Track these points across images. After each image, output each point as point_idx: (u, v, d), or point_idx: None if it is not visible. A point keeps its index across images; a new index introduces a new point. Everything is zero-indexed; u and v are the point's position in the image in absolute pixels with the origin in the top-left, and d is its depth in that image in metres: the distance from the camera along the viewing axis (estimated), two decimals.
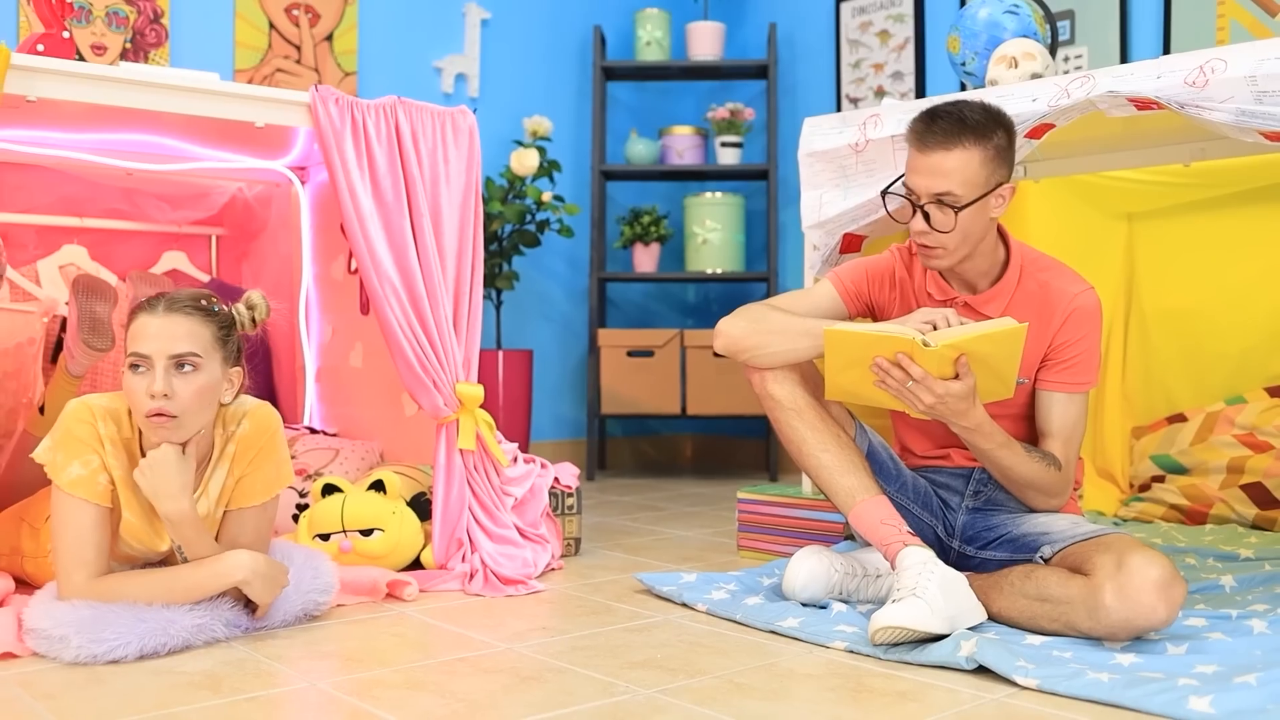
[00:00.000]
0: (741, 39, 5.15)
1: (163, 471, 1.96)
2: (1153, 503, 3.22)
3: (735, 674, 1.82)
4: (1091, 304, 2.18)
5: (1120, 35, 3.79)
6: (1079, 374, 2.18)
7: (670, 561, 2.79)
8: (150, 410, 1.93)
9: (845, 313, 2.32)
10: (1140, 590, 1.80)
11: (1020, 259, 2.21)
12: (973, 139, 2.06)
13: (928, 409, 2.02)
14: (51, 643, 1.86)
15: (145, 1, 3.79)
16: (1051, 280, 2.20)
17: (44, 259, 3.33)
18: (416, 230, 2.60)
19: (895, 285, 2.32)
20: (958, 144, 2.06)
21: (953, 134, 2.06)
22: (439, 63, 4.52)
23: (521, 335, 4.76)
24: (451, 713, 1.62)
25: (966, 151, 2.06)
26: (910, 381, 1.98)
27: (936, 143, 2.07)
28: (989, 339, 1.97)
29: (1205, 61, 2.11)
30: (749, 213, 4.93)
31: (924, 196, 2.09)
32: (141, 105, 2.38)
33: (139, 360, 1.95)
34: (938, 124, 2.07)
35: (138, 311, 2.00)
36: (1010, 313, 2.17)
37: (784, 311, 2.23)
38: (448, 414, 2.58)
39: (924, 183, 2.09)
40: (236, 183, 3.58)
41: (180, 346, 1.96)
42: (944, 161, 2.07)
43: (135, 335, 1.97)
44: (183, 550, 2.01)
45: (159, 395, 1.93)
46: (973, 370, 2.00)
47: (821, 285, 2.35)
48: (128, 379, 1.95)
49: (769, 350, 2.19)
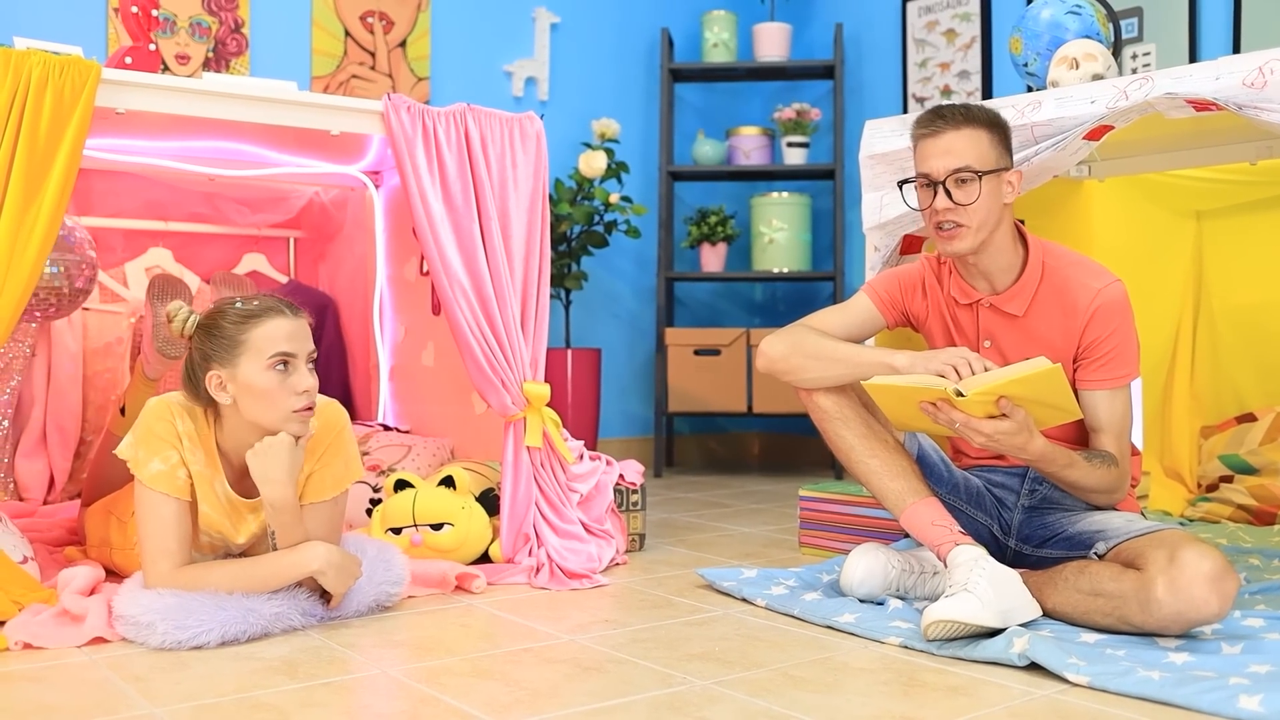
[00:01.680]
0: (808, 39, 5.17)
1: (275, 457, 2.06)
2: (1220, 503, 3.20)
3: (790, 667, 1.87)
4: (1117, 297, 2.18)
5: (1189, 32, 3.76)
6: (1117, 368, 2.19)
7: (732, 557, 2.84)
8: (303, 405, 2.06)
9: (883, 323, 2.38)
10: (1192, 583, 1.82)
11: (1041, 255, 2.24)
12: (979, 123, 2.20)
13: (984, 446, 2.06)
14: (139, 629, 1.96)
15: (227, 12, 3.92)
16: (1074, 276, 2.21)
17: (131, 261, 3.48)
18: (485, 234, 2.67)
19: (926, 293, 2.36)
20: (967, 125, 2.20)
21: (961, 119, 2.20)
22: (509, 67, 4.61)
23: (590, 334, 4.83)
24: (515, 700, 1.69)
25: (975, 131, 2.19)
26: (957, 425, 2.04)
27: (948, 126, 2.20)
28: (1022, 382, 1.98)
29: (1265, 62, 2.11)
30: (815, 212, 4.96)
31: (941, 175, 2.18)
32: (222, 116, 2.48)
33: (286, 359, 2.05)
34: (945, 112, 2.21)
35: (263, 316, 2.07)
36: (1034, 309, 2.21)
37: (822, 334, 2.30)
38: (515, 412, 2.65)
39: (940, 163, 2.19)
40: (313, 187, 3.69)
41: (311, 344, 2.11)
42: (956, 140, 2.18)
43: (275, 337, 2.05)
44: (275, 536, 2.10)
45: (313, 390, 2.07)
46: (1021, 406, 2.02)
47: (858, 299, 2.41)
48: (268, 380, 2.04)
49: (807, 375, 2.27)
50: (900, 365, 2.12)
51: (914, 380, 2.05)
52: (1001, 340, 2.24)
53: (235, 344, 2.05)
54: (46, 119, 2.14)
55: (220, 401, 2.08)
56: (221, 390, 2.07)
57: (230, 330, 2.06)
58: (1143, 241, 3.39)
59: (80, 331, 3.29)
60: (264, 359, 2.04)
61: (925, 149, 2.22)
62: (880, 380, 2.09)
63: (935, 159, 2.19)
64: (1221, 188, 3.26)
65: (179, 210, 3.52)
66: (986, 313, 2.25)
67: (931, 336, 2.37)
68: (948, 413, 2.03)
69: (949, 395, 2.00)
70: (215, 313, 2.11)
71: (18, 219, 2.11)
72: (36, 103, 2.13)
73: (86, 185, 3.35)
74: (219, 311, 2.10)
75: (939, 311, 2.33)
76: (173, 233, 3.55)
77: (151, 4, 3.04)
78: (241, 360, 2.04)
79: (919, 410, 2.08)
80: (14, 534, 2.24)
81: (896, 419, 2.19)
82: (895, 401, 2.12)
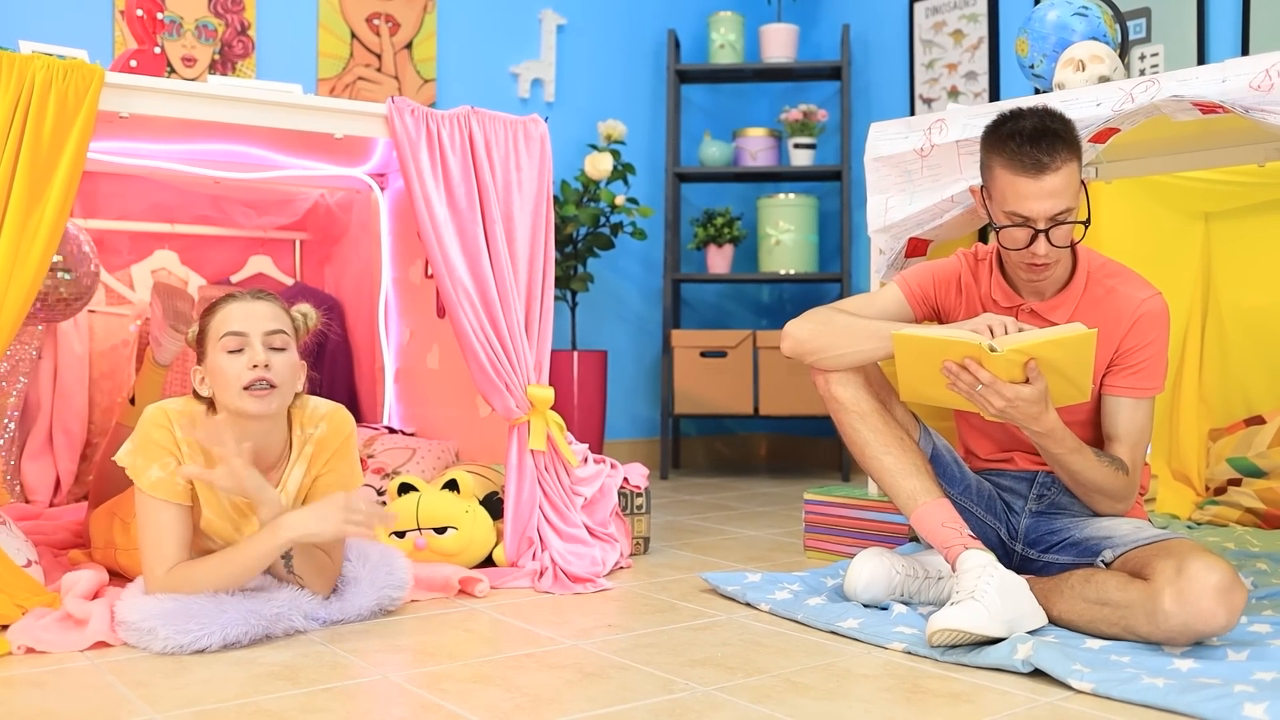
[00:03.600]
0: (815, 40, 5.17)
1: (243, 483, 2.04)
2: (1228, 506, 3.18)
3: (793, 673, 1.86)
4: (1159, 309, 2.17)
5: (1198, 32, 3.75)
6: (1146, 379, 2.18)
7: (737, 561, 2.83)
8: (251, 380, 2.06)
9: (911, 316, 2.33)
10: (1200, 595, 1.81)
11: (1087, 264, 2.21)
12: (1068, 151, 2.06)
13: (999, 413, 2.03)
14: (140, 634, 1.96)
15: (233, 14, 3.93)
16: (1119, 286, 2.19)
17: (137, 264, 3.48)
18: (489, 237, 2.67)
19: (961, 291, 2.33)
20: (1063, 162, 2.05)
21: (1063, 155, 2.05)
22: (515, 68, 4.61)
23: (597, 336, 4.83)
24: (515, 706, 1.69)
25: (1069, 165, 2.06)
26: (980, 385, 2.00)
27: (1051, 165, 2.04)
28: (1057, 344, 1.97)
29: (1271, 65, 2.10)
30: (822, 214, 4.95)
31: (1043, 221, 2.07)
32: (225, 119, 2.48)
33: (235, 337, 2.07)
34: (1040, 145, 2.04)
35: (220, 304, 2.13)
36: (1077, 318, 2.17)
37: (850, 314, 2.26)
38: (519, 415, 2.65)
39: (1041, 207, 2.05)
40: (319, 189, 3.69)
41: (271, 324, 2.11)
42: (1055, 181, 2.04)
43: (227, 319, 2.10)
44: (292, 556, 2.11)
45: (261, 365, 2.06)
46: (1043, 375, 2.01)
47: (888, 289, 2.37)
48: (223, 361, 2.07)
49: (836, 352, 2.22)
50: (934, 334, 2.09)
51: (949, 332, 2.01)
52: None
53: (204, 336, 2.13)
54: (50, 123, 2.14)
55: (204, 395, 2.13)
56: (203, 385, 2.13)
57: (201, 324, 2.15)
58: (1151, 243, 3.38)
59: (86, 334, 3.30)
60: (218, 341, 2.09)
61: (1024, 188, 2.05)
62: (912, 330, 2.06)
63: (1035, 202, 2.05)
64: (1229, 189, 3.24)
65: (185, 213, 3.53)
66: (1026, 317, 2.21)
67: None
68: (974, 371, 1.98)
69: (982, 350, 1.97)
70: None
71: (21, 224, 2.11)
72: (40, 107, 2.13)
73: (93, 188, 3.36)
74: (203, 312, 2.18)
75: (973, 310, 2.29)
76: (179, 235, 3.55)
77: (157, 7, 3.04)
78: (208, 349, 2.11)
79: (939, 374, 2.03)
80: (18, 537, 2.24)
81: (910, 385, 2.13)
82: (918, 360, 2.07)
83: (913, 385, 2.14)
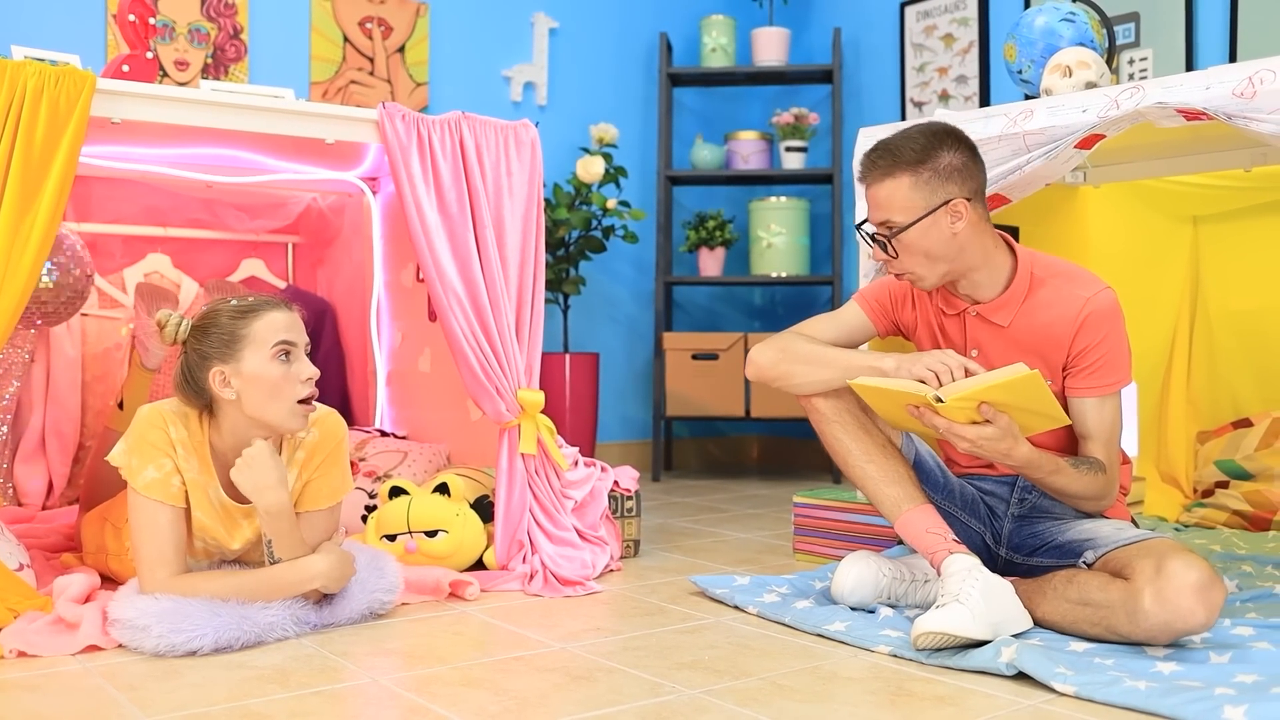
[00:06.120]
0: (806, 44, 5.18)
1: (260, 465, 2.08)
2: (1216, 508, 3.20)
3: (779, 676, 1.88)
4: (1107, 304, 2.17)
5: (1186, 37, 3.77)
6: (1105, 376, 2.18)
7: (727, 564, 2.84)
8: (307, 395, 2.10)
9: (874, 331, 2.39)
10: (1179, 594, 1.83)
11: (1029, 266, 2.22)
12: (903, 168, 2.14)
13: (969, 452, 2.07)
14: (135, 632, 1.97)
15: (225, 19, 3.94)
16: (1063, 285, 2.19)
17: (130, 267, 3.49)
18: (480, 241, 2.68)
19: (915, 304, 2.36)
20: (888, 175, 2.15)
21: (883, 167, 2.16)
22: (508, 72, 4.62)
23: (589, 338, 4.84)
24: (503, 709, 1.70)
25: (895, 180, 2.14)
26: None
27: (872, 177, 2.18)
28: (1002, 388, 1.96)
29: (1255, 72, 2.11)
30: (814, 216, 4.96)
31: (875, 227, 2.19)
32: (216, 124, 2.49)
33: (288, 348, 2.09)
34: (871, 158, 2.18)
35: (259, 308, 2.11)
36: (1022, 320, 2.20)
37: (811, 340, 2.29)
38: (510, 419, 2.66)
39: (870, 214, 2.20)
40: (311, 193, 3.70)
41: (305, 338, 2.15)
42: (878, 193, 2.17)
43: (273, 327, 2.09)
44: (272, 545, 2.11)
45: (315, 378, 2.11)
46: (1004, 412, 2.02)
47: (850, 307, 2.42)
48: (274, 368, 2.07)
49: (796, 381, 2.26)
50: (888, 368, 2.12)
51: (896, 384, 2.06)
52: (989, 349, 2.24)
53: (236, 339, 2.08)
54: (42, 129, 2.15)
55: (224, 398, 2.09)
56: (226, 386, 2.08)
57: (229, 326, 2.09)
58: (1139, 247, 3.40)
59: (79, 337, 3.31)
60: (267, 349, 2.07)
61: (865, 194, 2.23)
62: (866, 381, 2.10)
63: (869, 208, 2.21)
64: (1217, 193, 3.26)
65: (177, 216, 3.54)
66: (974, 321, 2.25)
67: (921, 346, 2.38)
68: (930, 418, 2.03)
69: (928, 401, 2.01)
70: (210, 313, 2.14)
71: (13, 229, 2.12)
72: (32, 113, 2.14)
73: (85, 191, 3.37)
74: (214, 311, 2.13)
75: (927, 321, 2.34)
76: (171, 238, 3.56)
77: (150, 11, 3.05)
78: (245, 353, 2.07)
79: (905, 412, 2.09)
80: (10, 541, 2.25)
81: (888, 418, 2.20)
82: (883, 402, 2.13)
83: (892, 420, 2.21)
